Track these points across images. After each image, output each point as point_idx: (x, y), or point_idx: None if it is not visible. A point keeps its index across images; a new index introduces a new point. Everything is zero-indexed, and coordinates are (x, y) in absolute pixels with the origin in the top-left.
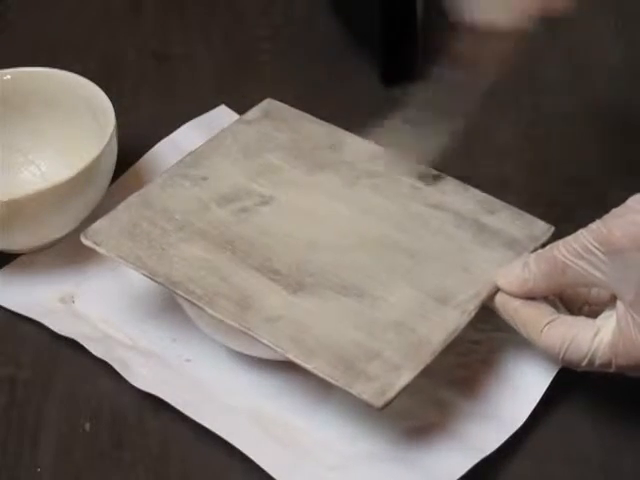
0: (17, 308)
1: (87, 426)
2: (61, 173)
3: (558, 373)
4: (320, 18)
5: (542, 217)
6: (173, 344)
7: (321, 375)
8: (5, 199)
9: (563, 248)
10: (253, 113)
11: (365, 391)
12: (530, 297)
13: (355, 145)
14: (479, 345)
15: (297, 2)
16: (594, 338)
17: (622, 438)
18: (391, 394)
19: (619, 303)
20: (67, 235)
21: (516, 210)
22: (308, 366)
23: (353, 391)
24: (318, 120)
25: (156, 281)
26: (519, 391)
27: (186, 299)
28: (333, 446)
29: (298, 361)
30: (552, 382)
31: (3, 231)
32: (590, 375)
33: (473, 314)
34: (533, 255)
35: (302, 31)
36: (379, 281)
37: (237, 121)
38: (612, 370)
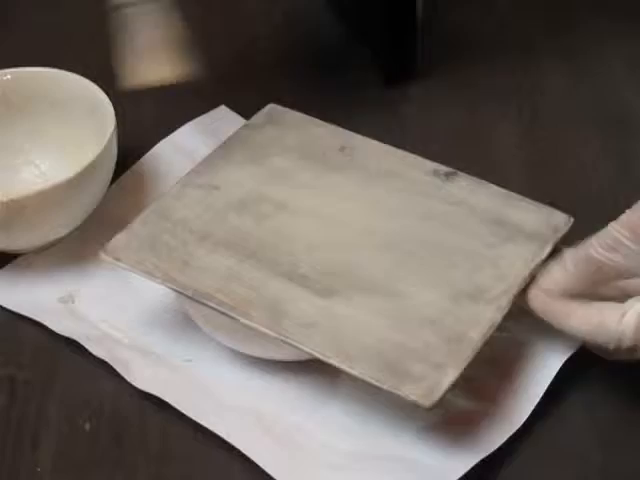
0: (17, 308)
1: (87, 426)
2: (61, 173)
3: (558, 373)
4: (320, 18)
5: None
6: (173, 344)
7: (367, 379)
8: (5, 199)
9: (597, 245)
10: (257, 119)
11: (413, 392)
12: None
13: (365, 146)
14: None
15: (297, 2)
16: (621, 320)
17: (622, 438)
18: (439, 393)
19: None
20: (67, 235)
21: (533, 202)
22: (354, 372)
23: (401, 393)
24: (323, 122)
25: (185, 295)
26: (520, 390)
27: (219, 311)
28: (333, 446)
29: (343, 367)
30: (552, 381)
31: (3, 231)
32: (590, 374)
33: (507, 309)
34: (569, 255)
35: (302, 31)
36: (408, 280)
37: (242, 127)
38: (639, 355)
